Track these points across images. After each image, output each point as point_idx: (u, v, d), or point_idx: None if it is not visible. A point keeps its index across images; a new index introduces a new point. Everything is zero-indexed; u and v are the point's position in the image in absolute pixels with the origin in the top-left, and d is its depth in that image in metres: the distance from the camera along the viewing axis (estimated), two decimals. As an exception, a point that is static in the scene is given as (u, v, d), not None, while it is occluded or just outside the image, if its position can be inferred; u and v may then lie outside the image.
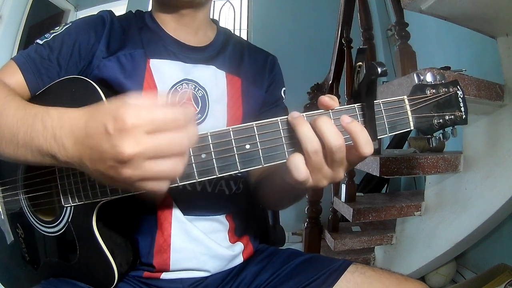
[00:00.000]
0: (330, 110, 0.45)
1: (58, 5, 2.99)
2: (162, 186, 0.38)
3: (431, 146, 0.49)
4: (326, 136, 0.41)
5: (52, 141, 0.41)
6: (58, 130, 0.41)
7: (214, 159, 0.43)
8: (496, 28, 1.24)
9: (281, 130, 0.44)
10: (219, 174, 0.44)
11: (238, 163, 0.44)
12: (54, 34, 0.62)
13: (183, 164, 0.38)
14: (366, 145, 0.42)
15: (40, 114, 0.43)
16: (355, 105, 0.46)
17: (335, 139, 0.41)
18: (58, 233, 0.58)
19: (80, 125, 0.39)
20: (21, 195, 0.62)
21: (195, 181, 0.44)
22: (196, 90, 0.65)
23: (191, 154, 0.43)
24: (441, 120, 0.48)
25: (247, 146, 0.44)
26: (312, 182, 0.45)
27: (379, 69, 0.42)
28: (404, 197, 1.68)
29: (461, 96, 0.48)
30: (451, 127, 0.49)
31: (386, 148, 2.22)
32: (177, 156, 0.37)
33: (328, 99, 0.44)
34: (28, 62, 0.59)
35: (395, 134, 0.48)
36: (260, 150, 0.44)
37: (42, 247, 0.62)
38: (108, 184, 0.39)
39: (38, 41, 0.61)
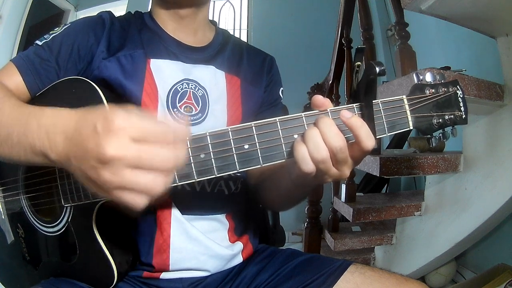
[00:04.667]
0: (328, 110, 0.45)
1: (58, 5, 2.99)
2: (138, 202, 0.36)
3: (431, 146, 0.49)
4: (327, 137, 0.42)
5: (45, 138, 0.41)
6: (51, 128, 0.41)
7: (213, 159, 0.43)
8: (496, 28, 1.24)
9: (280, 130, 0.44)
10: (218, 174, 0.44)
11: (236, 163, 0.44)
12: (53, 34, 0.62)
13: (165, 183, 0.36)
14: (368, 139, 0.42)
15: (35, 113, 0.44)
16: (354, 104, 0.46)
17: (336, 140, 0.42)
18: (58, 233, 0.58)
19: (72, 122, 0.39)
20: (22, 194, 0.62)
21: (194, 181, 0.44)
22: (196, 90, 0.65)
23: (190, 154, 0.43)
24: (440, 120, 0.48)
25: (246, 146, 0.44)
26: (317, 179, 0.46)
27: (377, 69, 0.42)
28: (404, 197, 1.67)
29: (461, 96, 0.48)
30: (451, 127, 0.49)
31: (386, 148, 2.21)
32: (160, 173, 0.36)
33: (321, 98, 0.45)
34: (27, 63, 0.59)
35: (395, 134, 0.48)
36: (258, 150, 0.44)
37: (42, 246, 0.62)
38: (89, 186, 0.39)
39: (37, 42, 0.62)
